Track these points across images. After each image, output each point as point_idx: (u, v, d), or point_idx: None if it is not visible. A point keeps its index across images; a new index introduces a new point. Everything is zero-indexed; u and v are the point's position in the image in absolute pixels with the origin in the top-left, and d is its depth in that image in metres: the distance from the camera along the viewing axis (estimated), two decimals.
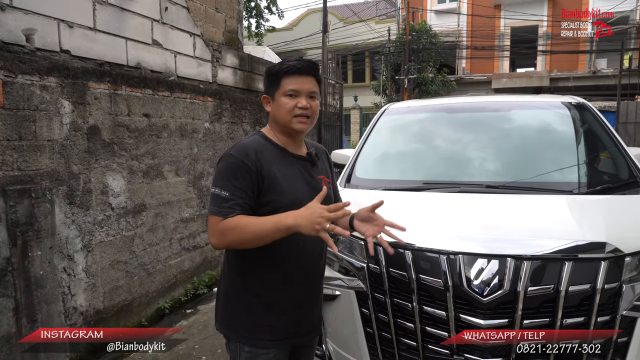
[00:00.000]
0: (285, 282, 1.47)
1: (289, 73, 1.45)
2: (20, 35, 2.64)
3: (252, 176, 1.37)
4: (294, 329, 1.50)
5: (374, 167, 2.85)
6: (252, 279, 1.47)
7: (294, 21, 23.95)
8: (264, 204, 1.40)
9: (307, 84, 1.46)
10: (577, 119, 2.85)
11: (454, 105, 3.34)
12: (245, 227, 1.32)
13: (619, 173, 2.46)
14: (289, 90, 1.44)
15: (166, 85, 3.84)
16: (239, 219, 1.34)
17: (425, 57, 18.70)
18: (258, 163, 1.39)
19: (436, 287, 1.74)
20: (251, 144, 1.44)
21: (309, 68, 1.47)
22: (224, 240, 1.36)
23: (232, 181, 1.37)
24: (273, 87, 1.48)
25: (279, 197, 1.40)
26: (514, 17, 19.78)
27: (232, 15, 5.06)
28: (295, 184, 1.45)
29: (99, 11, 3.18)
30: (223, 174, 1.40)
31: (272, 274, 1.45)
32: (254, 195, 1.38)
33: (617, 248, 1.68)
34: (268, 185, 1.39)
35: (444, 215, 2.08)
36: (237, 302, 1.49)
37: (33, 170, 2.68)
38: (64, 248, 2.89)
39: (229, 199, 1.35)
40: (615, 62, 16.90)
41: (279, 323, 1.47)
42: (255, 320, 1.46)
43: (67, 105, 2.90)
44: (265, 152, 1.44)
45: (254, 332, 1.46)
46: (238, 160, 1.39)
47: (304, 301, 1.52)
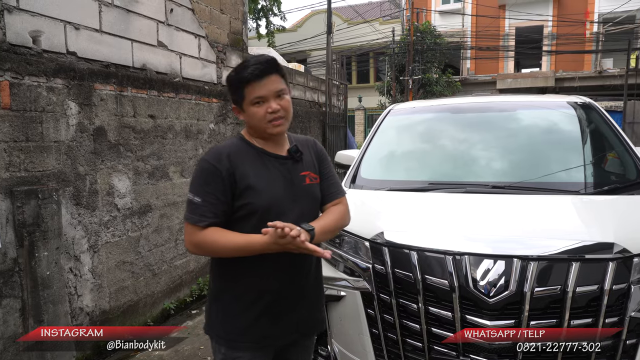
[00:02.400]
0: (266, 285, 1.43)
1: (249, 81, 1.39)
2: (27, 37, 2.66)
3: (224, 181, 1.37)
4: (273, 331, 1.46)
5: (379, 168, 2.85)
6: (230, 280, 1.46)
7: (298, 22, 23.97)
8: (240, 208, 1.39)
9: (271, 84, 1.41)
10: (584, 119, 2.83)
11: (459, 106, 3.33)
12: (220, 246, 1.34)
13: (627, 173, 2.44)
14: (255, 99, 1.40)
15: (171, 87, 3.85)
16: (214, 235, 1.35)
17: (429, 57, 18.66)
18: (230, 167, 1.38)
19: (442, 287, 1.73)
20: (225, 148, 1.43)
21: (268, 68, 1.41)
22: (199, 251, 1.40)
23: (204, 187, 1.37)
24: (238, 98, 1.43)
25: (255, 199, 1.38)
26: (519, 17, 19.70)
27: (237, 17, 5.07)
28: (273, 186, 1.42)
29: (105, 13, 3.20)
30: (196, 179, 1.41)
31: (250, 275, 1.43)
32: (228, 200, 1.38)
33: (625, 248, 1.67)
34: (242, 188, 1.38)
35: (449, 216, 2.08)
36: (217, 303, 1.49)
37: (40, 172, 2.69)
38: (71, 249, 2.90)
39: (201, 205, 1.36)
40: (622, 62, 16.80)
41: (255, 325, 1.43)
42: (231, 322, 1.44)
43: (73, 106, 2.92)
44: (241, 155, 1.42)
45: (230, 334, 1.45)
46: (210, 165, 1.38)
47: (288, 303, 1.47)
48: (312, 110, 7.50)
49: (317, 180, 1.55)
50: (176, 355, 3.04)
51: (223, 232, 1.36)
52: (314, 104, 7.73)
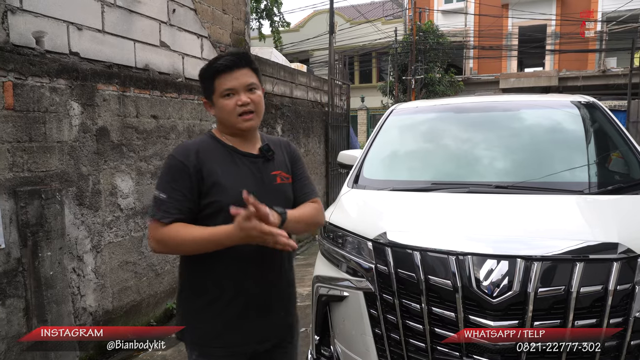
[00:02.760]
0: (234, 289, 1.40)
1: (219, 73, 1.38)
2: (30, 37, 2.66)
3: (191, 177, 1.34)
4: (243, 337, 1.42)
5: (381, 168, 2.84)
6: (199, 283, 1.42)
7: (300, 22, 23.97)
8: (207, 206, 1.36)
9: (243, 77, 1.39)
10: (587, 118, 2.82)
11: (462, 105, 3.32)
12: (184, 240, 1.30)
13: (631, 172, 2.42)
14: (225, 91, 1.38)
15: (174, 87, 3.86)
16: (177, 230, 1.31)
17: (432, 57, 18.63)
18: (198, 164, 1.35)
19: (445, 288, 1.73)
20: (194, 145, 1.41)
21: (240, 60, 1.40)
22: (163, 248, 1.35)
23: (170, 183, 1.35)
24: (209, 91, 1.42)
25: (222, 197, 1.35)
26: (522, 16, 19.64)
27: (239, 17, 5.07)
28: (242, 183, 1.38)
29: (108, 13, 3.20)
30: (163, 175, 1.38)
31: (220, 278, 1.40)
32: (194, 197, 1.35)
33: (629, 249, 1.66)
34: (210, 186, 1.35)
35: (452, 216, 2.07)
36: (188, 308, 1.46)
37: (43, 172, 2.70)
38: (74, 249, 2.91)
39: (166, 202, 1.33)
40: (625, 61, 16.72)
41: (225, 330, 1.40)
42: (201, 327, 1.41)
43: (76, 107, 2.93)
44: (210, 152, 1.40)
45: (203, 339, 1.41)
46: (177, 162, 1.36)
47: (258, 307, 1.43)
48: (315, 110, 7.50)
49: (288, 180, 1.52)
50: (179, 354, 3.04)
51: (186, 226, 1.32)
52: (317, 104, 7.73)
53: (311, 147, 7.19)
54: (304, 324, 3.69)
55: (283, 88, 6.35)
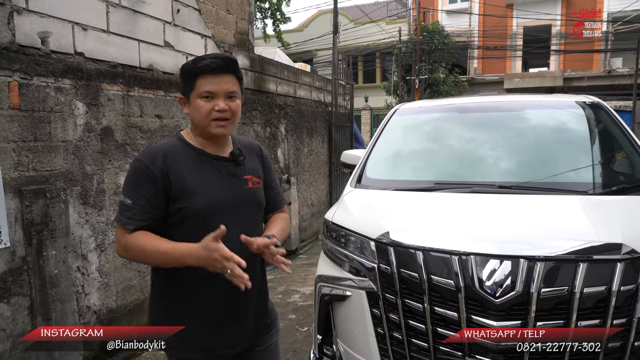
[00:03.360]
0: (202, 293, 1.37)
1: (203, 73, 1.33)
2: (35, 37, 2.68)
3: (156, 183, 1.30)
4: (218, 340, 1.40)
5: (385, 168, 2.84)
6: (168, 290, 1.40)
7: (304, 22, 23.99)
8: (176, 212, 1.32)
9: (225, 83, 1.35)
10: (592, 119, 2.80)
11: (466, 105, 3.31)
12: (145, 252, 1.28)
13: (636, 173, 2.41)
14: (204, 92, 1.34)
15: (178, 87, 3.87)
16: (140, 240, 1.28)
17: (437, 57, 18.59)
18: (165, 168, 1.31)
19: (448, 288, 1.72)
20: (161, 148, 1.36)
21: (226, 66, 1.36)
22: (127, 255, 1.33)
23: (135, 188, 1.30)
24: (187, 87, 1.38)
25: (191, 203, 1.31)
26: (527, 16, 19.56)
27: (243, 17, 5.09)
28: (212, 188, 1.35)
29: (112, 14, 3.22)
30: (128, 180, 1.34)
31: (186, 285, 1.37)
32: (161, 202, 1.31)
33: (633, 249, 1.65)
34: (177, 191, 1.31)
35: (455, 216, 2.06)
36: (158, 314, 1.44)
37: (48, 171, 2.72)
38: (78, 247, 2.93)
39: (131, 208, 1.29)
40: (631, 61, 16.63)
41: (200, 335, 1.38)
42: (177, 332, 1.37)
43: (81, 106, 2.94)
44: (178, 156, 1.35)
45: (176, 344, 1.38)
46: (143, 166, 1.31)
47: (229, 310, 1.41)
48: (319, 110, 7.50)
49: (259, 185, 1.50)
50: None
51: (149, 237, 1.29)
52: (320, 104, 7.73)
53: (315, 147, 7.20)
54: (306, 323, 3.71)
55: (287, 88, 6.36)
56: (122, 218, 1.31)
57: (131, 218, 1.29)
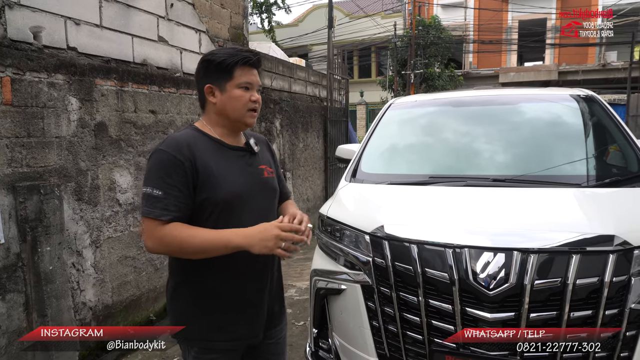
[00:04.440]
0: (230, 283, 1.40)
1: (245, 63, 1.38)
2: (28, 32, 2.66)
3: (186, 172, 1.29)
4: (244, 330, 1.43)
5: (379, 162, 2.84)
6: (194, 280, 1.40)
7: (299, 17, 23.89)
8: (201, 201, 1.32)
9: (257, 77, 1.43)
10: (586, 112, 2.82)
11: (461, 99, 3.32)
12: (189, 239, 1.26)
13: (629, 166, 2.43)
14: (245, 83, 1.38)
15: (172, 82, 3.85)
16: (181, 230, 1.26)
17: (432, 52, 18.57)
18: (192, 157, 1.31)
19: (442, 280, 1.73)
20: (183, 138, 1.36)
21: (259, 61, 1.45)
22: (163, 248, 1.29)
23: (165, 179, 1.28)
24: (222, 77, 1.38)
25: (215, 193, 1.32)
26: (522, 10, 19.55)
27: (238, 12, 5.06)
28: (234, 177, 1.37)
29: (105, 8, 3.19)
30: (155, 171, 1.31)
31: (214, 275, 1.38)
32: (190, 192, 1.31)
33: (626, 241, 1.66)
34: (203, 180, 1.32)
35: (449, 209, 2.07)
36: (182, 304, 1.44)
37: (42, 167, 2.70)
38: (73, 244, 2.92)
39: (163, 198, 1.27)
40: (626, 55, 16.68)
41: (225, 325, 1.40)
42: (200, 322, 1.40)
43: (74, 102, 2.92)
44: (200, 146, 1.36)
45: (203, 334, 1.40)
46: (170, 156, 1.30)
47: (255, 300, 1.45)
48: (314, 105, 7.49)
49: (273, 175, 1.55)
50: (176, 349, 3.06)
51: (189, 227, 1.29)
52: (315, 99, 7.72)
53: (310, 142, 7.19)
54: (302, 317, 3.72)
55: (282, 83, 6.34)
56: (154, 210, 1.27)
57: (165, 209, 1.27)
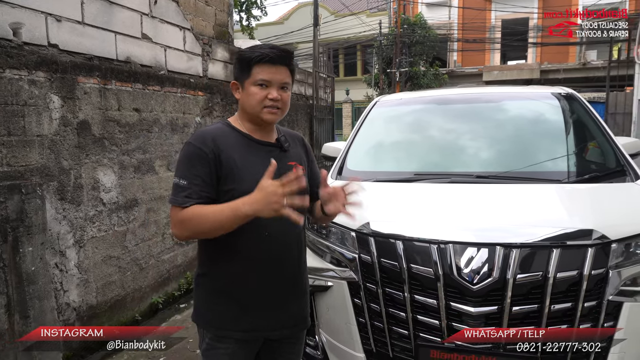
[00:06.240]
0: (251, 274, 1.42)
1: (261, 62, 1.38)
2: (7, 29, 2.60)
3: (209, 163, 1.35)
4: (263, 323, 1.45)
5: (365, 159, 2.86)
6: (216, 269, 1.44)
7: (285, 15, 23.81)
8: (225, 193, 1.36)
9: (280, 74, 1.40)
10: (567, 110, 2.88)
11: (446, 97, 3.36)
12: (202, 217, 1.29)
13: (607, 162, 2.49)
14: (260, 80, 1.39)
15: (156, 80, 3.81)
16: (195, 209, 1.31)
17: (417, 51, 18.69)
18: (216, 149, 1.36)
19: (427, 276, 1.76)
20: (210, 131, 1.42)
21: (283, 57, 1.41)
22: (184, 230, 1.34)
23: (189, 169, 1.35)
24: (243, 74, 1.42)
25: (238, 185, 1.35)
26: (505, 9, 19.81)
27: (223, 9, 5.03)
28: (259, 171, 1.35)
29: (87, 4, 3.14)
30: (182, 163, 1.38)
31: (235, 265, 1.41)
32: (214, 182, 1.36)
33: (604, 235, 1.71)
34: (226, 172, 1.36)
35: (434, 206, 2.10)
36: (203, 292, 1.47)
37: (23, 166, 2.65)
38: (56, 244, 2.87)
39: (186, 188, 1.33)
40: (605, 54, 17.03)
41: (243, 315, 1.42)
42: (218, 310, 1.43)
43: (56, 100, 2.88)
44: (227, 139, 1.40)
45: (216, 322, 1.43)
46: (195, 148, 1.36)
47: (277, 294, 1.46)
48: (299, 103, 7.48)
49: (304, 171, 1.51)
50: (169, 347, 3.04)
51: (203, 206, 1.32)
52: (301, 97, 7.71)
53: None
54: None
55: None
56: (177, 198, 1.33)
57: (188, 197, 1.32)
